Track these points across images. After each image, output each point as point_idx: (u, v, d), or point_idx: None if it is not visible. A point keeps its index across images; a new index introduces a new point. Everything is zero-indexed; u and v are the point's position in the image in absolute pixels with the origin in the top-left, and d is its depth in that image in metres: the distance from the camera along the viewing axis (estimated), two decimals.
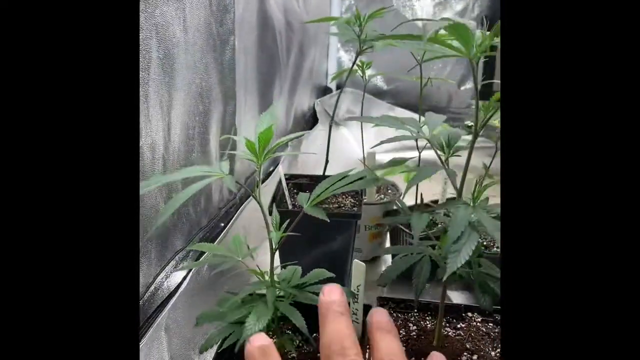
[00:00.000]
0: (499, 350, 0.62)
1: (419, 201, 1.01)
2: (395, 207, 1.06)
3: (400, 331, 0.65)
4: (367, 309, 0.68)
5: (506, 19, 0.34)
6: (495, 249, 0.92)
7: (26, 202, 0.33)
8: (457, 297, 0.96)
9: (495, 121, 0.66)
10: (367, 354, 0.61)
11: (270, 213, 0.61)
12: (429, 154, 0.95)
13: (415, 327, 0.66)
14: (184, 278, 0.79)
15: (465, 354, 0.61)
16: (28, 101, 0.33)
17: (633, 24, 0.32)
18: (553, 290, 0.32)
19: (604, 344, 0.31)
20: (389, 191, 1.17)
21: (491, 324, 0.68)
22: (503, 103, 0.35)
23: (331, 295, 0.41)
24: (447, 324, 0.67)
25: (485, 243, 0.95)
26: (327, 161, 0.95)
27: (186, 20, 0.75)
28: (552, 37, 0.33)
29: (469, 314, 0.69)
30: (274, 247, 0.56)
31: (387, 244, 1.13)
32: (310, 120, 1.75)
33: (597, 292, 0.31)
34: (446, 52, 0.45)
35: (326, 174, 0.95)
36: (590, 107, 0.32)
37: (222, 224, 0.94)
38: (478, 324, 0.67)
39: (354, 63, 0.92)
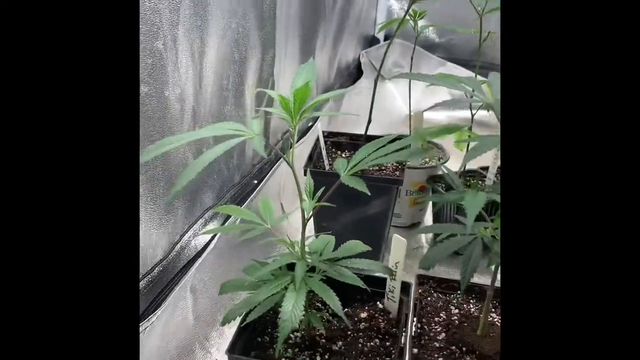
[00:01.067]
0: None
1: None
2: (440, 172, 0.98)
3: (441, 314, 0.59)
4: (405, 286, 0.63)
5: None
6: None
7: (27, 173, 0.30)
8: None
9: None
10: (404, 334, 0.56)
11: (305, 174, 0.55)
12: (483, 113, 0.86)
13: (457, 311, 0.60)
14: (213, 237, 0.75)
15: None
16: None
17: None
18: (557, 278, 0.33)
19: (605, 332, 0.31)
20: (435, 152, 1.08)
21: None
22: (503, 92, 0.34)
23: None
24: (494, 310, 0.60)
25: None
26: (369, 120, 0.88)
27: None
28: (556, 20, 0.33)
29: None
30: (305, 217, 0.51)
31: (429, 211, 1.06)
32: (354, 73, 1.65)
33: (601, 285, 0.32)
34: None
35: (368, 133, 0.88)
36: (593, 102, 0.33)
37: (256, 181, 0.89)
38: None
39: (406, 12, 0.83)
